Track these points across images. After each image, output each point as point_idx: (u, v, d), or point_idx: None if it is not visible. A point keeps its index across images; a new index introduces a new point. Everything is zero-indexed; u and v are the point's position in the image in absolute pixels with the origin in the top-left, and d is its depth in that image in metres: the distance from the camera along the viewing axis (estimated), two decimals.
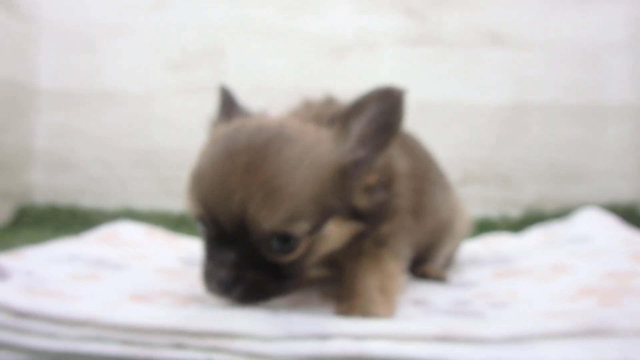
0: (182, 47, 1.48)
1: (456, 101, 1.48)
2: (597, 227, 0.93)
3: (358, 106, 0.48)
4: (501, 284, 0.67)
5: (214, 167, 0.45)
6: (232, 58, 1.48)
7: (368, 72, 1.45)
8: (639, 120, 1.41)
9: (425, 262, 0.72)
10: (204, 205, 0.45)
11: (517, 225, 1.35)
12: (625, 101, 1.43)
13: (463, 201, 0.82)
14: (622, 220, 0.97)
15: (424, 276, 0.72)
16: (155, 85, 1.48)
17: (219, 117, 0.58)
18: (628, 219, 1.02)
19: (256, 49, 1.47)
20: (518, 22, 1.46)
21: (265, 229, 0.44)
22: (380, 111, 0.48)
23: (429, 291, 0.64)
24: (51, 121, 1.49)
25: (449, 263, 0.80)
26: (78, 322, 0.42)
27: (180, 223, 1.34)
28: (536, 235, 1.05)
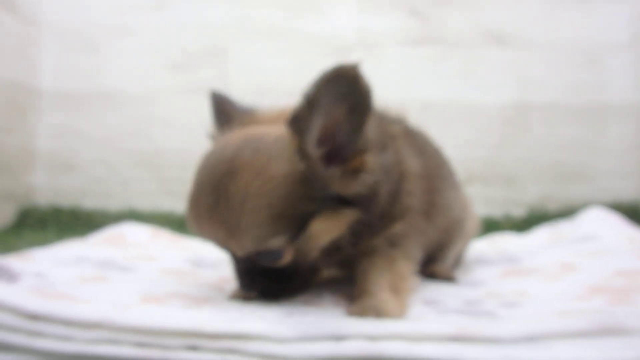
0: (183, 48, 1.48)
1: (458, 101, 1.48)
2: (603, 226, 0.93)
3: (310, 101, 0.46)
4: (510, 283, 0.67)
5: (191, 207, 0.51)
6: (234, 58, 1.47)
7: (370, 73, 1.42)
8: None
9: (434, 262, 0.72)
10: (197, 233, 0.52)
11: (521, 224, 1.35)
12: (626, 101, 1.44)
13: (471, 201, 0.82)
14: (625, 219, 0.97)
15: (433, 276, 0.71)
16: (156, 85, 1.48)
17: (215, 127, 0.60)
18: (630, 218, 1.02)
19: (257, 49, 1.47)
20: (520, 22, 1.46)
21: (241, 255, 0.49)
22: (338, 96, 0.45)
23: (439, 291, 0.64)
24: (53, 122, 1.48)
25: (458, 263, 0.80)
26: (91, 324, 0.41)
27: (183, 224, 1.33)
28: (542, 234, 1.05)
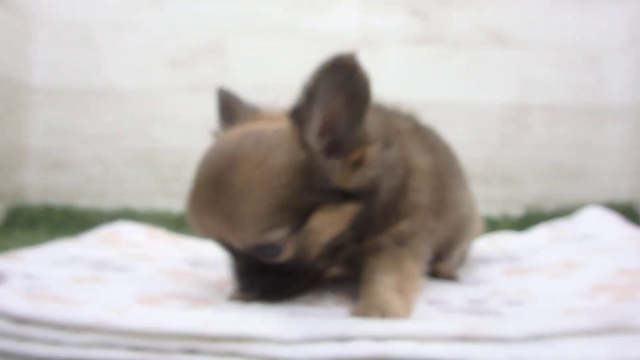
0: (184, 44, 1.45)
1: (459, 100, 1.47)
2: (602, 225, 0.94)
3: (309, 92, 0.46)
4: (513, 282, 0.66)
5: (191, 201, 0.50)
6: (234, 55, 1.45)
7: (372, 71, 1.42)
8: (638, 120, 1.41)
9: (439, 261, 0.71)
10: (197, 230, 0.50)
11: (519, 224, 1.35)
12: (624, 102, 1.44)
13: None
14: (621, 218, 0.98)
15: (435, 275, 0.70)
16: (155, 82, 1.45)
17: (220, 124, 0.59)
18: (626, 218, 1.03)
19: (258, 46, 1.45)
20: (521, 23, 1.46)
21: (240, 248, 0.48)
22: (336, 87, 0.45)
23: (442, 290, 0.63)
24: (46, 119, 1.45)
25: (461, 262, 0.78)
26: (83, 328, 0.39)
27: (180, 224, 1.31)
28: (542, 233, 1.05)
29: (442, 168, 0.62)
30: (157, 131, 1.44)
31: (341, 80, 0.45)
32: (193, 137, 1.45)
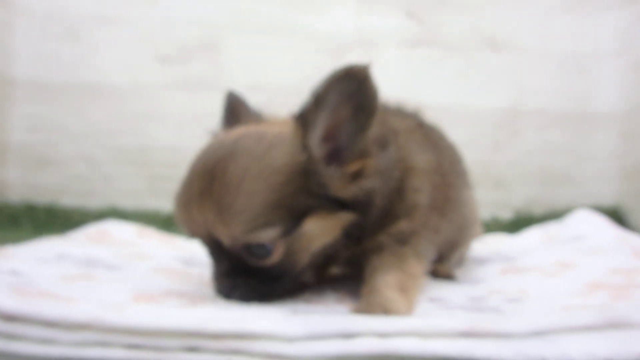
0: (175, 40, 1.42)
1: (452, 104, 1.49)
2: (592, 227, 0.95)
3: (318, 97, 0.46)
4: (510, 281, 0.66)
5: (182, 192, 0.49)
6: (227, 53, 1.43)
7: None
8: (625, 127, 1.46)
9: (439, 261, 0.70)
10: (183, 226, 0.49)
11: (508, 226, 1.37)
12: (612, 109, 1.48)
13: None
14: None
15: (433, 274, 0.70)
16: (145, 78, 1.42)
17: (221, 125, 0.59)
18: (611, 221, 1.04)
19: (252, 45, 1.43)
20: (515, 29, 1.49)
21: (229, 244, 0.46)
22: (345, 95, 0.46)
23: (442, 289, 0.63)
24: (29, 113, 1.40)
25: (460, 262, 0.79)
26: (78, 325, 0.37)
27: (169, 223, 1.28)
28: (533, 235, 1.06)
29: (446, 166, 0.62)
30: (147, 129, 1.41)
31: (351, 89, 0.45)
32: (184, 136, 1.43)
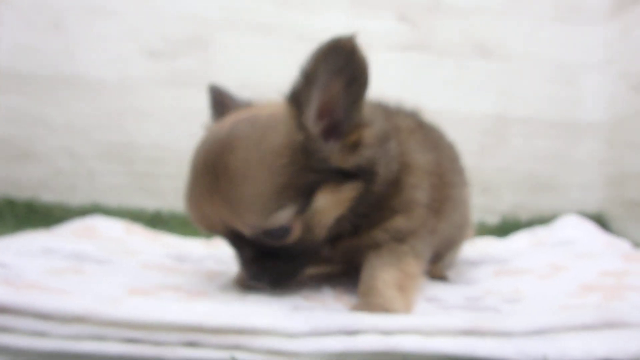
0: (164, 34, 1.39)
1: (443, 108, 1.50)
2: (580, 232, 0.97)
3: (308, 75, 0.45)
4: (504, 282, 0.67)
5: (190, 193, 0.48)
6: (217, 49, 1.41)
7: None
8: (611, 136, 1.50)
9: (434, 261, 0.71)
10: (199, 226, 0.49)
11: (494, 231, 1.39)
12: (597, 118, 1.52)
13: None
14: None
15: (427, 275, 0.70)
16: (131, 73, 1.38)
17: (212, 118, 0.58)
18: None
19: (243, 42, 1.42)
20: (505, 37, 1.52)
21: (249, 234, 0.46)
22: (335, 70, 0.45)
23: (437, 289, 0.63)
24: (8, 105, 1.34)
25: (452, 264, 0.79)
26: (72, 318, 0.36)
27: (154, 221, 1.25)
28: (522, 239, 1.08)
29: (445, 166, 0.62)
30: (132, 125, 1.37)
31: (340, 62, 0.44)
32: (171, 133, 1.40)
